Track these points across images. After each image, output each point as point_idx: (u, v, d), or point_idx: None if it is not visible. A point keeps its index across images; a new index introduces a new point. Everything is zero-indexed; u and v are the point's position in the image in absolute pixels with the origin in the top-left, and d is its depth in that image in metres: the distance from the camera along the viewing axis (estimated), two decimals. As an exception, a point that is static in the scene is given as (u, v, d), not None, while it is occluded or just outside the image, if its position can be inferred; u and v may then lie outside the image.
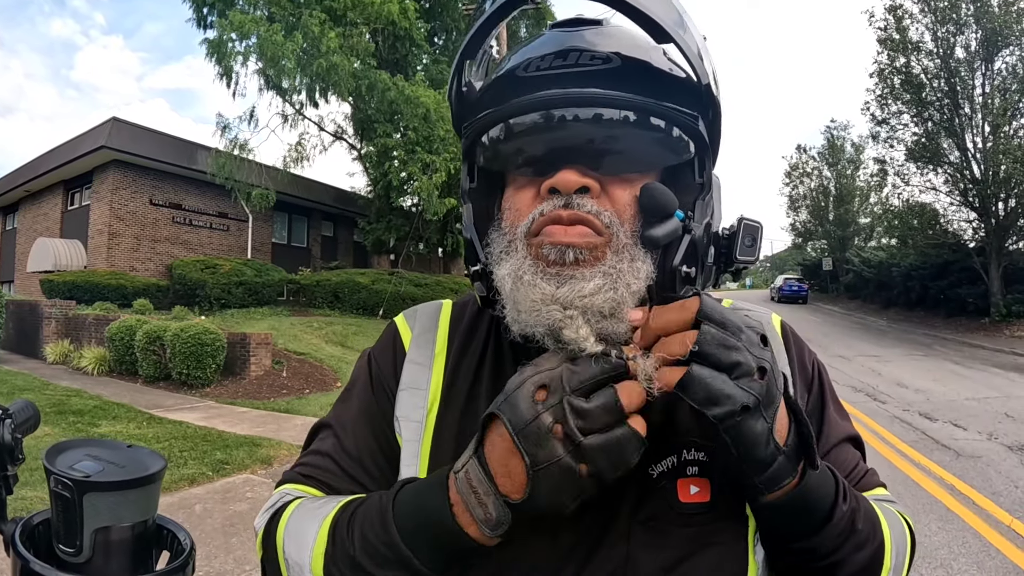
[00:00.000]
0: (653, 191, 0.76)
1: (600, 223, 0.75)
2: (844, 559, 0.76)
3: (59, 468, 0.68)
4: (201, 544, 4.89)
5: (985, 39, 23.40)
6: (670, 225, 0.75)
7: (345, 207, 28.27)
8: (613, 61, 0.75)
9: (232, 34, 19.83)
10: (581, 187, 0.75)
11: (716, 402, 0.63)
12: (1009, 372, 14.72)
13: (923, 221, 27.22)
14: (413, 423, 0.91)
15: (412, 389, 0.93)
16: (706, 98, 0.78)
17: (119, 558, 0.69)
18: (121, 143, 20.32)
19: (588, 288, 0.72)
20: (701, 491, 0.79)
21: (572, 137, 0.76)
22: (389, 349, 1.01)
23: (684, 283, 0.77)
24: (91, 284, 18.13)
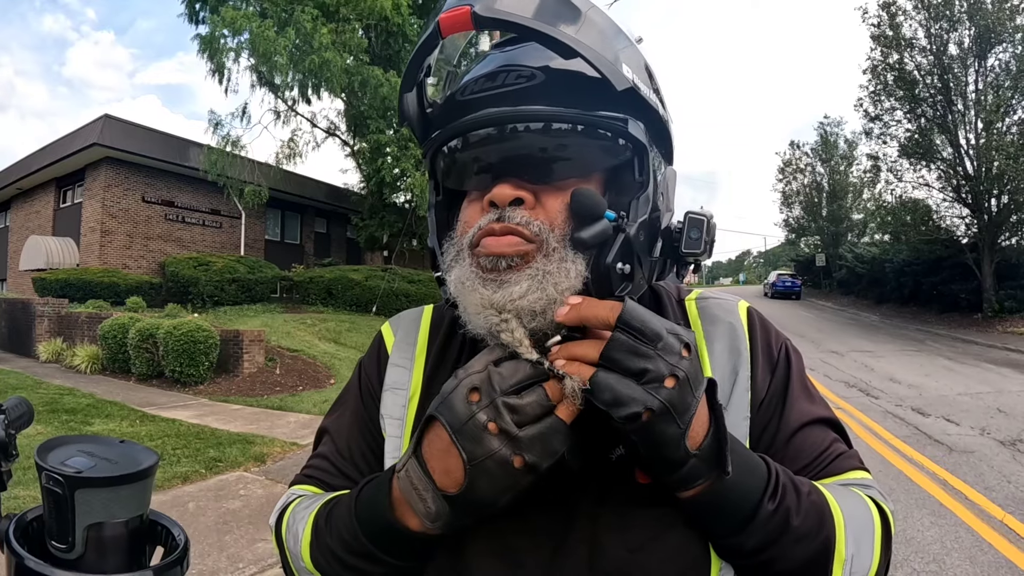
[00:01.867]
0: (579, 196, 0.80)
1: (529, 232, 0.80)
2: (778, 556, 0.77)
3: (51, 464, 0.68)
4: (195, 542, 4.88)
5: (978, 36, 23.45)
6: (598, 226, 0.79)
7: (338, 204, 28.22)
8: (537, 77, 0.81)
9: (224, 30, 19.75)
10: (515, 199, 0.81)
11: (620, 404, 0.68)
12: (1002, 367, 14.78)
13: (916, 217, 27.30)
14: (395, 420, 0.98)
15: (394, 389, 1.01)
16: (634, 101, 0.81)
17: (112, 554, 0.69)
18: (113, 140, 20.23)
19: (517, 291, 0.77)
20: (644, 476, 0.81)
21: (502, 153, 0.83)
22: (375, 355, 1.10)
23: (621, 280, 0.81)
24: (84, 282, 18.06)
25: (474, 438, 0.70)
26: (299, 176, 26.32)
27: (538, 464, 0.70)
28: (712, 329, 0.95)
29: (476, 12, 0.74)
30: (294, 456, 7.34)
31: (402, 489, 0.77)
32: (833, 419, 0.95)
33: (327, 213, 29.44)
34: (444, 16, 0.77)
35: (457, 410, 0.71)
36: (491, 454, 0.69)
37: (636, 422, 0.68)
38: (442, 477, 0.73)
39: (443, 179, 0.93)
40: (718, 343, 0.93)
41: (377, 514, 0.80)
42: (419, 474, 0.75)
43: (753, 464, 0.78)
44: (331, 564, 0.86)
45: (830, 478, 0.88)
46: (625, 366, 0.68)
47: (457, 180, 0.91)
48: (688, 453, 0.71)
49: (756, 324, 0.98)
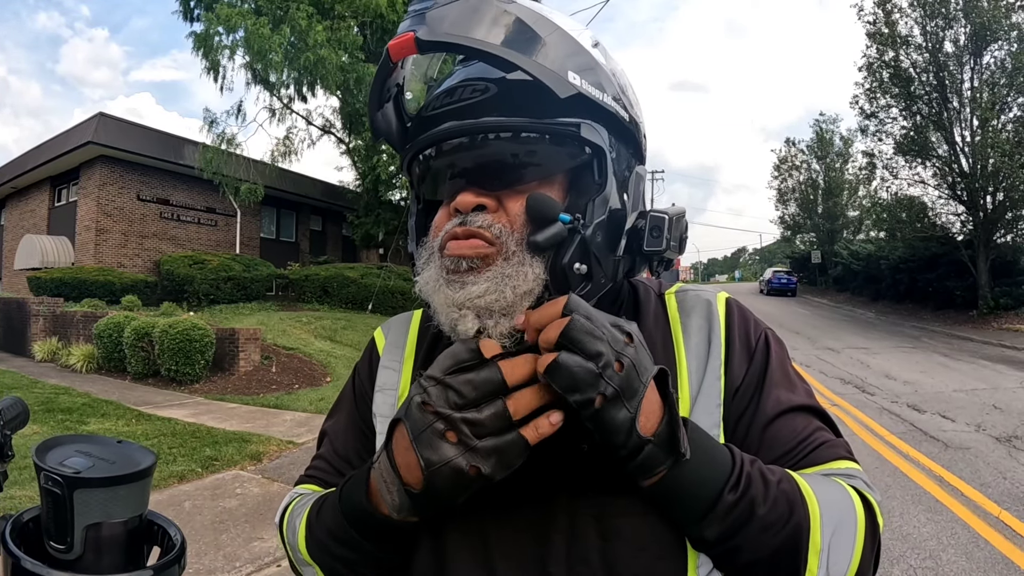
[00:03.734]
0: (532, 201, 0.84)
1: (490, 235, 0.83)
2: (742, 545, 0.78)
3: (49, 464, 0.68)
4: (191, 541, 4.88)
5: (974, 33, 23.50)
6: (552, 229, 0.82)
7: (334, 201, 28.19)
8: (490, 90, 0.85)
9: (219, 27, 19.73)
10: (477, 206, 0.85)
11: (577, 389, 0.70)
12: (997, 364, 14.82)
13: (911, 214, 27.36)
14: (384, 419, 1.01)
15: (384, 390, 1.06)
16: (589, 106, 0.85)
17: (110, 554, 0.69)
18: (108, 138, 20.18)
19: (476, 291, 0.81)
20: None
21: (464, 163, 0.87)
22: (367, 359, 1.15)
23: (580, 280, 0.85)
24: (79, 281, 18.03)
25: (431, 445, 0.73)
26: (294, 174, 26.31)
27: (492, 475, 0.73)
28: (688, 320, 0.97)
29: (419, 38, 0.79)
30: (290, 455, 7.34)
31: (375, 480, 0.82)
32: (817, 407, 0.95)
33: (323, 211, 29.41)
34: (392, 43, 0.81)
35: (414, 417, 0.74)
36: (447, 462, 0.72)
37: (590, 408, 0.70)
38: (406, 473, 0.76)
39: (419, 189, 0.97)
40: (694, 334, 0.95)
41: (356, 501, 0.86)
42: (387, 468, 0.79)
43: (716, 454, 0.80)
44: (322, 553, 0.93)
45: (812, 467, 0.88)
46: (583, 346, 0.71)
47: (430, 190, 0.95)
48: (642, 439, 0.73)
49: (734, 314, 0.99)
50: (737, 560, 0.80)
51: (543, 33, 0.82)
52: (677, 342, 0.95)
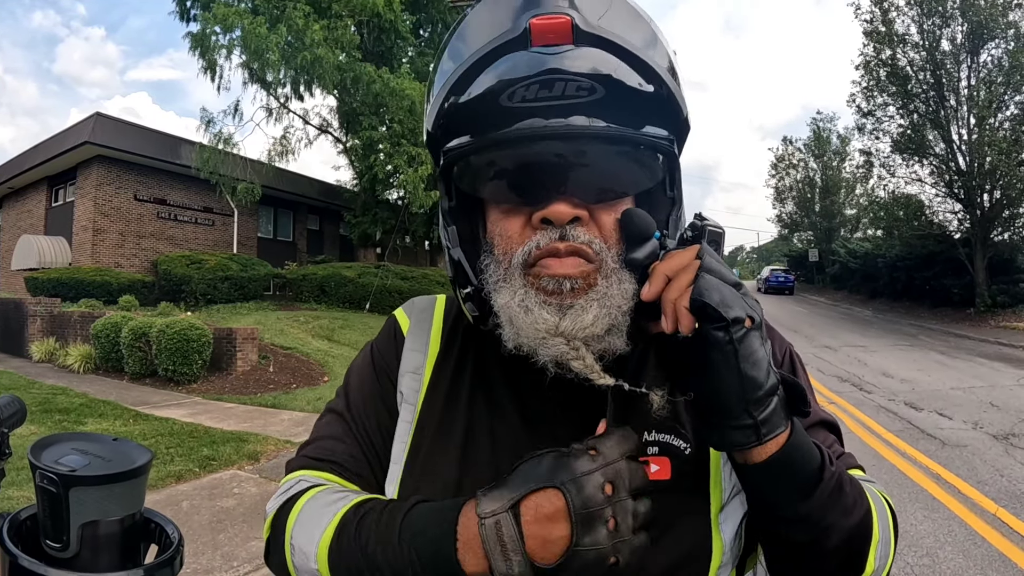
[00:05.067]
0: (633, 217, 0.80)
1: (592, 251, 0.79)
2: (832, 525, 0.75)
3: (45, 463, 0.67)
4: (188, 541, 4.88)
5: (971, 32, 23.55)
6: (649, 247, 0.79)
7: (331, 200, 28.16)
8: (597, 91, 0.76)
9: (216, 27, 19.70)
10: (573, 218, 0.79)
11: (728, 305, 0.68)
12: (994, 361, 14.85)
13: (908, 212, 27.40)
14: (410, 405, 0.96)
15: (412, 373, 0.99)
16: (682, 121, 0.82)
17: (107, 552, 0.69)
18: (105, 138, 20.15)
19: (588, 319, 0.77)
20: (661, 469, 0.83)
21: (562, 169, 0.78)
22: (391, 338, 1.06)
23: None
24: (76, 281, 18.00)
25: (592, 527, 0.69)
26: (292, 173, 26.28)
27: (624, 568, 0.70)
28: None
29: (577, 25, 0.72)
30: (288, 454, 7.31)
31: (485, 539, 0.71)
32: (831, 421, 0.95)
33: (320, 210, 29.37)
34: (539, 22, 0.73)
35: (588, 495, 0.69)
36: (598, 547, 0.69)
37: (740, 327, 0.69)
38: (536, 544, 0.70)
39: (470, 186, 0.86)
40: None
41: (441, 554, 0.74)
42: (512, 533, 0.70)
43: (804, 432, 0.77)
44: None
45: None
46: (723, 273, 0.71)
47: (494, 191, 0.85)
48: (775, 381, 0.71)
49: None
50: (823, 545, 0.76)
51: (668, 47, 0.80)
52: None
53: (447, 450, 0.90)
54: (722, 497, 0.83)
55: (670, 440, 0.84)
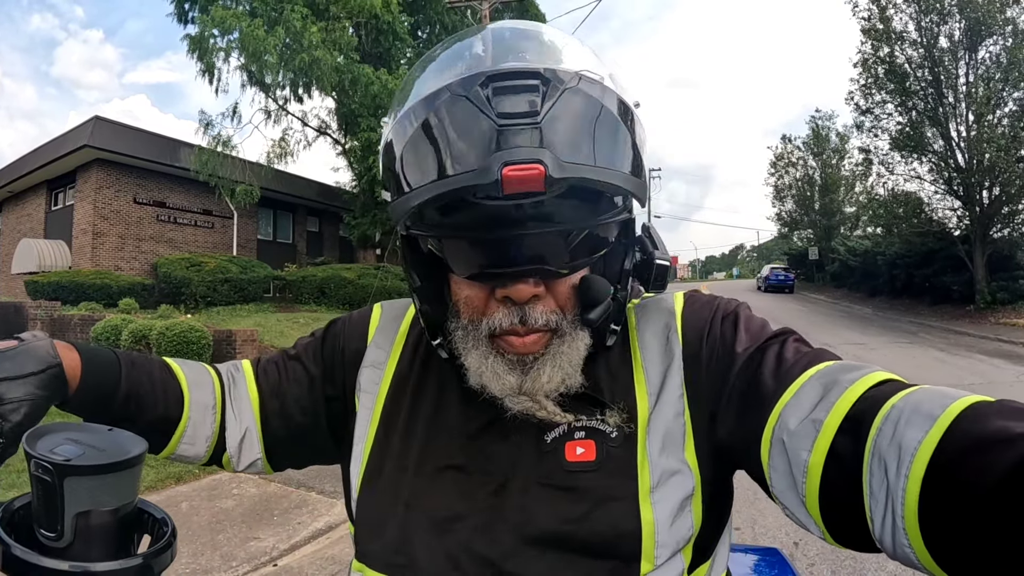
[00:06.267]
0: (590, 285, 0.88)
1: (547, 328, 0.87)
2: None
3: (39, 452, 0.68)
4: (188, 541, 4.89)
5: (969, 29, 23.50)
6: (602, 307, 0.88)
7: (330, 202, 28.13)
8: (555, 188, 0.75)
9: (214, 29, 19.72)
10: (533, 295, 0.85)
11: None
12: (993, 358, 14.84)
13: (908, 210, 27.36)
14: (368, 395, 1.07)
15: (373, 368, 1.09)
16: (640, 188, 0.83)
17: (100, 542, 0.70)
18: (104, 142, 20.14)
19: (544, 379, 0.87)
20: (586, 452, 0.89)
21: (521, 254, 0.82)
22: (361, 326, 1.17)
23: (611, 335, 0.94)
24: (76, 284, 17.98)
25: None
26: (291, 175, 26.26)
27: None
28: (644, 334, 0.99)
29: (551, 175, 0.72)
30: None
31: None
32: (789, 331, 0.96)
33: (319, 212, 29.35)
34: (512, 174, 0.72)
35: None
36: None
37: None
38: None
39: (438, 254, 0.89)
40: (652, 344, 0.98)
41: None
42: None
43: None
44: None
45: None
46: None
47: (459, 265, 0.87)
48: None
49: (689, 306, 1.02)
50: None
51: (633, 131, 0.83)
52: (635, 355, 0.97)
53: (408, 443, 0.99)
54: (651, 478, 0.87)
55: (596, 425, 0.91)
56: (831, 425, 0.73)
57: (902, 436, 0.64)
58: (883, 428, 0.67)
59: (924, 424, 0.64)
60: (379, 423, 1.03)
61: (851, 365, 0.82)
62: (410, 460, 0.97)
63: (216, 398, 1.11)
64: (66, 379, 0.88)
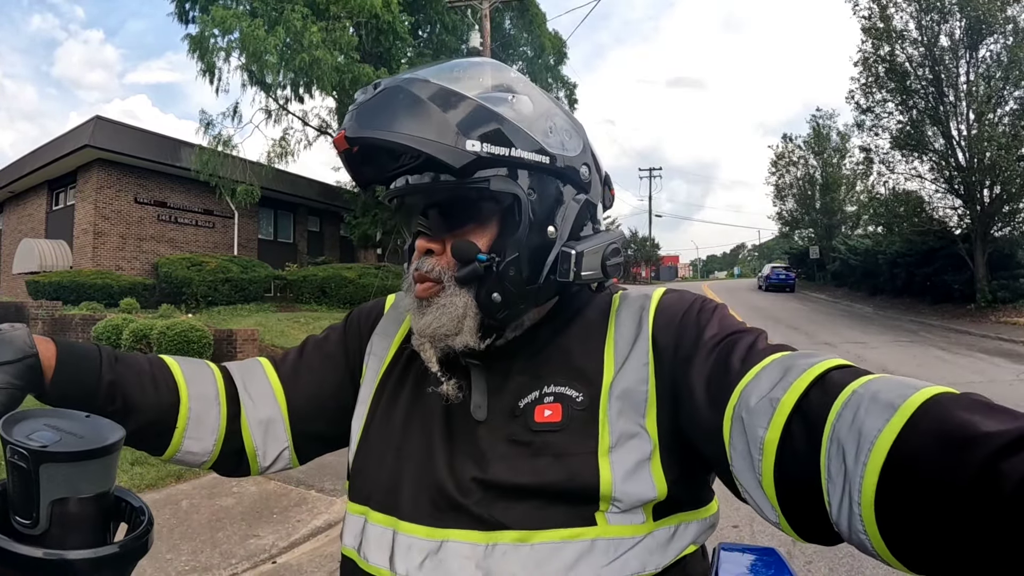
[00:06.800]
0: (455, 247, 1.01)
1: (433, 277, 1.02)
2: None
3: (15, 438, 0.68)
4: (187, 539, 4.90)
5: (969, 27, 23.45)
6: (468, 268, 0.99)
7: (331, 202, 28.14)
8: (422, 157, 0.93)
9: (214, 29, 19.72)
10: (427, 250, 1.03)
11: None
12: (994, 357, 14.83)
13: (909, 208, 27.30)
14: (377, 358, 1.21)
15: (382, 336, 1.24)
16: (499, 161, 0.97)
17: (77, 530, 0.69)
18: (105, 142, 20.15)
19: (424, 322, 1.02)
20: (553, 414, 0.99)
21: (415, 212, 1.07)
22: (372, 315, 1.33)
23: (498, 307, 1.00)
24: (77, 284, 17.99)
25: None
26: (291, 175, 26.27)
27: None
28: (621, 315, 1.09)
29: (347, 136, 0.94)
30: (288, 454, 7.33)
31: None
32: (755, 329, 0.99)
33: (320, 211, 29.35)
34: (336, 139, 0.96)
35: None
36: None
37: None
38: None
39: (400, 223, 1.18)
40: (625, 323, 1.07)
41: None
42: None
43: None
44: None
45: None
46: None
47: (404, 226, 1.15)
48: None
49: (667, 295, 1.10)
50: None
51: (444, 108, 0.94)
52: (609, 331, 1.07)
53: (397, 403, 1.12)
54: (609, 439, 0.94)
55: (565, 391, 1.00)
56: (787, 403, 0.76)
57: (862, 423, 0.67)
58: (843, 413, 0.70)
59: (884, 413, 0.66)
60: (379, 384, 1.16)
61: (809, 352, 0.85)
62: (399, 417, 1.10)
63: (219, 388, 1.17)
64: (42, 370, 0.92)
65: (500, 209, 1.01)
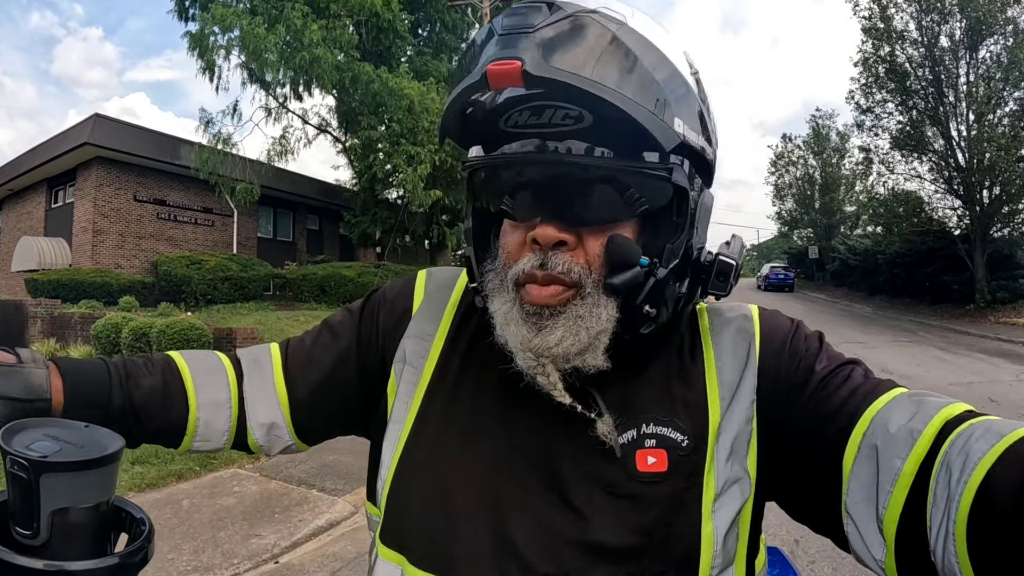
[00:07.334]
0: (615, 245, 0.83)
1: (569, 279, 0.82)
2: None
3: (15, 448, 0.67)
4: (189, 539, 4.89)
5: (969, 28, 23.51)
6: (629, 273, 0.82)
7: (330, 200, 28.11)
8: (585, 119, 0.78)
9: (214, 27, 19.70)
10: (558, 241, 0.82)
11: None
12: (993, 357, 14.85)
13: (908, 209, 27.40)
14: (414, 369, 1.01)
15: (418, 339, 1.03)
16: (683, 148, 0.82)
17: (77, 540, 0.69)
18: (104, 139, 20.12)
19: (553, 339, 0.81)
20: (657, 462, 0.84)
21: (548, 192, 0.82)
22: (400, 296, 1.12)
23: (646, 320, 0.85)
24: (76, 282, 17.98)
25: None
26: (291, 173, 26.25)
27: None
28: (720, 338, 0.96)
29: (527, 71, 0.72)
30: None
31: None
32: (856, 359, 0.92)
33: (319, 210, 29.33)
34: (494, 68, 0.74)
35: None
36: None
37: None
38: None
39: (482, 199, 0.92)
40: (725, 353, 0.94)
41: None
42: None
43: None
44: None
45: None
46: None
47: (493, 201, 0.89)
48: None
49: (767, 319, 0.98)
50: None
51: (655, 71, 0.79)
52: (708, 356, 0.93)
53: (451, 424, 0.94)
54: (716, 486, 0.84)
55: (667, 432, 0.86)
56: (927, 435, 0.72)
57: (970, 447, 0.66)
58: (955, 441, 0.69)
59: (993, 439, 0.65)
60: (424, 399, 0.98)
61: (931, 392, 0.82)
62: (454, 443, 0.93)
63: (231, 392, 1.07)
64: (50, 411, 0.86)
65: (654, 206, 0.84)
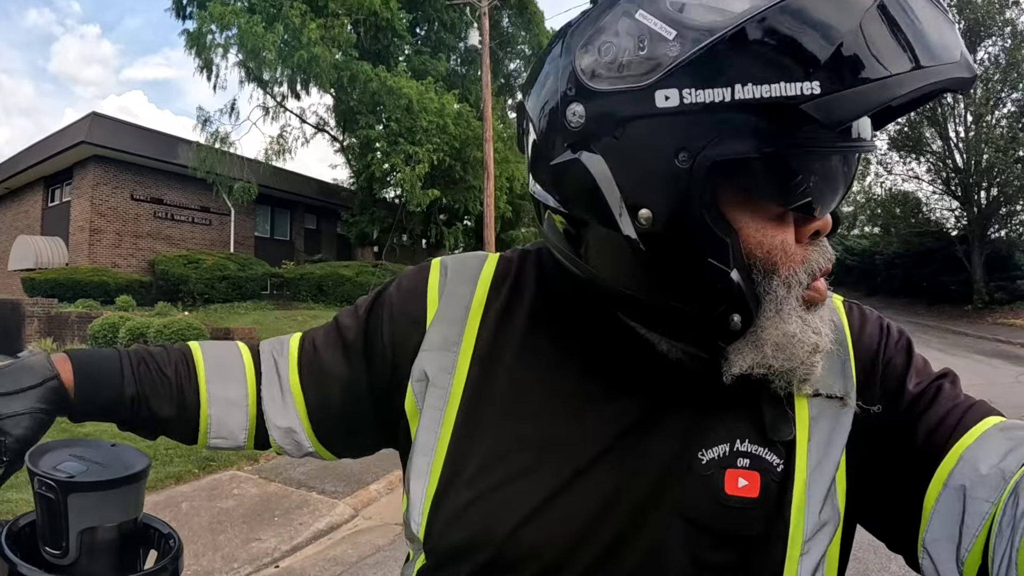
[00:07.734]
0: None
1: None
2: None
3: (43, 469, 0.68)
4: (188, 542, 4.86)
5: (968, 29, 23.57)
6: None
7: (328, 199, 28.11)
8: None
9: (212, 25, 19.73)
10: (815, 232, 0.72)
11: None
12: (991, 358, 14.88)
13: (906, 209, 27.51)
14: (440, 389, 0.83)
15: (442, 351, 0.85)
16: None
17: (106, 558, 0.69)
18: (101, 138, 20.11)
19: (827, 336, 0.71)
20: (750, 485, 0.72)
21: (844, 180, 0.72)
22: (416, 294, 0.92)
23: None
24: (73, 281, 17.97)
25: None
26: (288, 172, 26.23)
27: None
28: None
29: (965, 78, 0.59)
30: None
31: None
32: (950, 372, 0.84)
33: (317, 209, 29.31)
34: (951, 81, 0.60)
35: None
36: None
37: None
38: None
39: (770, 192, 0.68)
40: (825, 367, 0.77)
41: None
42: None
43: None
44: None
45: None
46: None
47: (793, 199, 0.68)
48: None
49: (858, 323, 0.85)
50: None
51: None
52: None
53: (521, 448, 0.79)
54: (806, 522, 0.72)
55: (763, 453, 0.73)
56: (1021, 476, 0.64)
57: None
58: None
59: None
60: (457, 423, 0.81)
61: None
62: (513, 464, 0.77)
63: (248, 390, 0.96)
64: (65, 391, 0.84)
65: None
